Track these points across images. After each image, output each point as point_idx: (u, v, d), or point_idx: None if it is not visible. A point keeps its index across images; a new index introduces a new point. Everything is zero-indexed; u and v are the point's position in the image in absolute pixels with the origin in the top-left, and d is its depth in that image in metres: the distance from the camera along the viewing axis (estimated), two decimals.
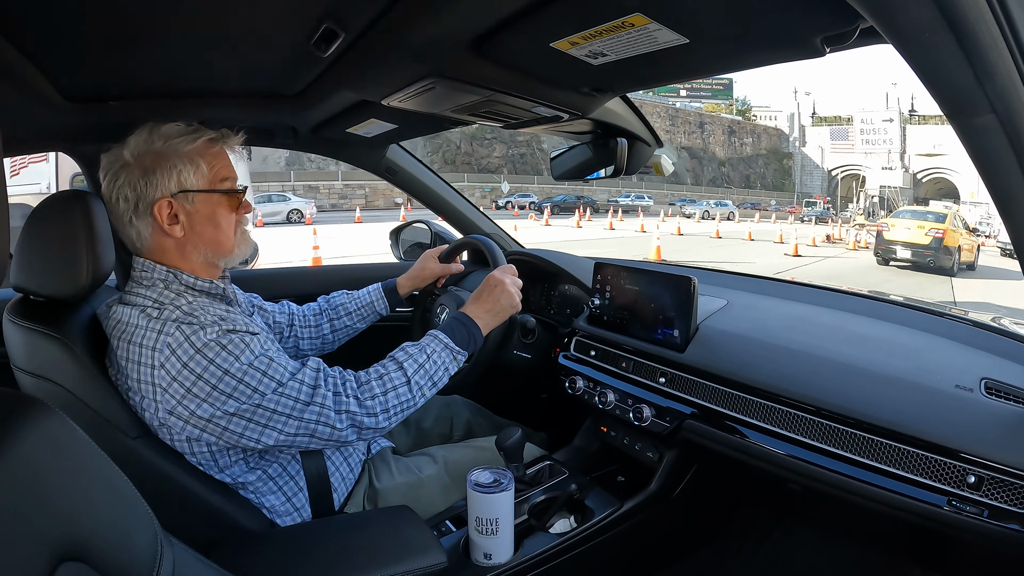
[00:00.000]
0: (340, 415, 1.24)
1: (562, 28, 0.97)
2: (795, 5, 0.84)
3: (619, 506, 1.58)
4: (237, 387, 1.17)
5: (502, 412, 2.04)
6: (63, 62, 1.23)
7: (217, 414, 1.17)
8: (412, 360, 1.35)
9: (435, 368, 1.37)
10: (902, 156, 62.44)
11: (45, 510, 0.63)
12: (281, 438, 1.21)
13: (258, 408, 1.18)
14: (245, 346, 1.20)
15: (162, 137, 1.26)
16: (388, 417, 1.29)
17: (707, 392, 1.51)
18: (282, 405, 1.20)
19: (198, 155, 1.28)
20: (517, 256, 2.26)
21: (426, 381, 1.35)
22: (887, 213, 26.12)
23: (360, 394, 1.27)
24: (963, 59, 0.65)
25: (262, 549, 1.25)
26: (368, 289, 1.85)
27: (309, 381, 1.23)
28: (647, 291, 1.69)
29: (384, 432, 1.32)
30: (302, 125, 1.94)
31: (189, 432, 1.20)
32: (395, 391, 1.30)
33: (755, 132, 74.50)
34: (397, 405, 1.30)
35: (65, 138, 1.68)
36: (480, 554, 1.34)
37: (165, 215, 1.25)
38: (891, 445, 1.19)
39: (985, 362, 1.29)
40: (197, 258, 1.31)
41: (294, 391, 1.21)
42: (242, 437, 1.20)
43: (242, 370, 1.18)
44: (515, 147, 49.88)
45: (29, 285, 1.27)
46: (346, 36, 1.13)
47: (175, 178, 1.25)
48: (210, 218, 1.30)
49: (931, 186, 61.48)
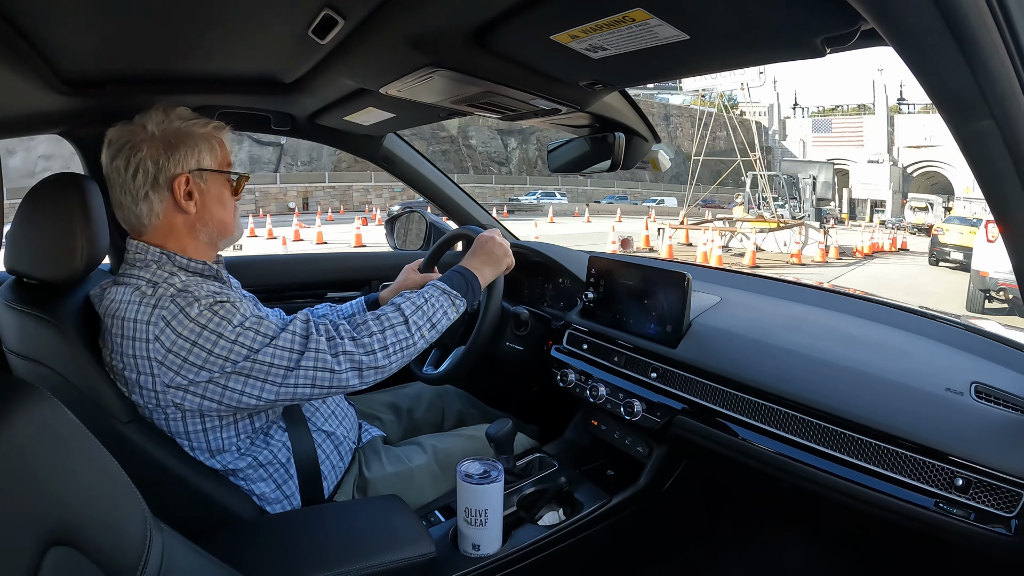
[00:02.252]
0: (337, 357, 1.24)
1: (563, 21, 0.97)
2: (797, 5, 0.83)
3: (608, 500, 1.58)
4: (232, 348, 1.19)
5: (494, 403, 2.04)
6: (61, 46, 1.22)
7: (215, 375, 1.19)
8: (409, 302, 1.36)
9: (433, 310, 1.38)
10: (890, 148, 58.19)
11: (34, 494, 0.63)
12: (282, 391, 1.22)
13: (255, 364, 1.20)
14: (236, 310, 1.22)
15: (180, 117, 1.29)
16: (388, 355, 1.29)
17: (698, 388, 1.51)
18: (278, 357, 1.21)
19: (212, 137, 1.31)
20: (511, 248, 2.26)
21: (424, 322, 1.35)
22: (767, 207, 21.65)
23: (356, 334, 1.28)
24: (963, 64, 0.64)
25: (251, 536, 1.25)
26: (351, 303, 1.85)
27: (300, 331, 1.25)
28: (641, 286, 1.69)
29: (386, 373, 1.31)
30: (299, 112, 1.93)
31: (188, 402, 1.21)
32: (392, 329, 1.31)
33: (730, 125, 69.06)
34: (396, 343, 1.30)
35: (62, 122, 1.67)
36: (469, 545, 1.35)
37: (183, 191, 1.27)
38: (880, 446, 1.20)
39: (976, 366, 1.29)
40: (204, 236, 1.33)
41: (287, 342, 1.23)
42: (243, 395, 1.21)
43: (235, 332, 1.20)
44: (437, 143, 45.48)
45: (23, 268, 1.27)
46: (346, 23, 1.12)
47: (196, 156, 1.28)
48: (218, 198, 1.33)
49: (923, 180, 56.79)
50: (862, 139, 58.96)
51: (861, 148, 58.42)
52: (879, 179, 54.46)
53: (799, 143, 64.80)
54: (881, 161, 56.13)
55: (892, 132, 57.72)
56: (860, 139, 59.18)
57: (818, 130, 63.37)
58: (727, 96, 76.17)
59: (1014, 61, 0.64)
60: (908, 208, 40.58)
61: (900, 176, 55.46)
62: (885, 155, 56.57)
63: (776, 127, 67.19)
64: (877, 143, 57.52)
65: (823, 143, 62.53)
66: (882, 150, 56.95)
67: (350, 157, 43.38)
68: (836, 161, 62.22)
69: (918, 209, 38.86)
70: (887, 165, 55.45)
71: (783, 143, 66.52)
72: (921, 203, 39.52)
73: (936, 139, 53.18)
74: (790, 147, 65.61)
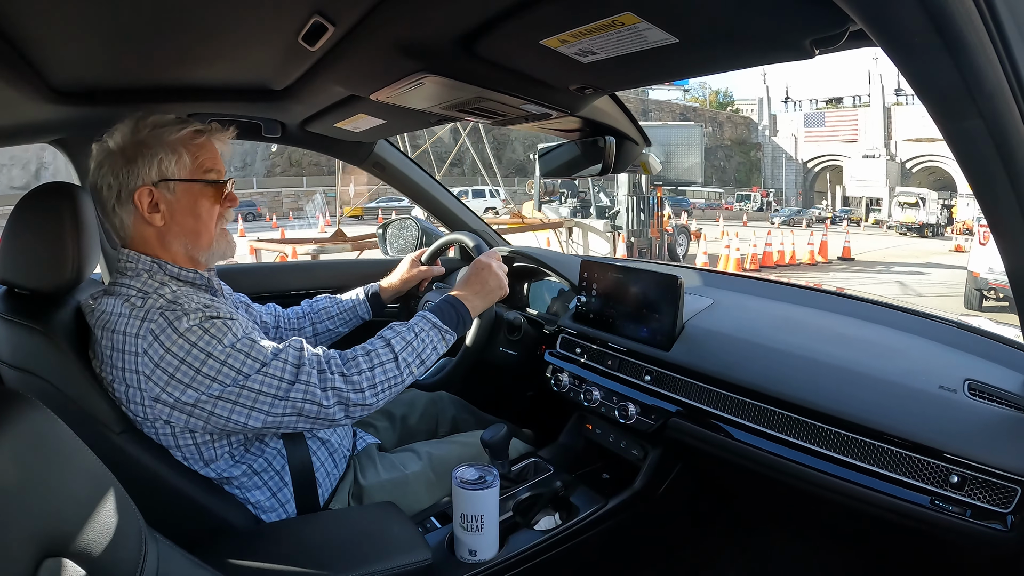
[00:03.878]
0: (326, 392, 1.24)
1: (552, 25, 0.97)
2: (785, 7, 0.84)
3: (604, 504, 1.58)
4: (221, 369, 1.17)
5: (488, 409, 2.04)
6: (51, 55, 1.22)
7: (202, 398, 1.17)
8: (400, 338, 1.35)
9: (423, 346, 1.37)
10: (887, 142, 53.46)
11: (28, 505, 0.63)
12: (269, 420, 1.22)
13: (243, 390, 1.19)
14: (228, 329, 1.20)
15: (148, 126, 1.26)
16: (375, 393, 1.29)
17: (692, 390, 1.51)
18: (267, 385, 1.20)
19: (181, 145, 1.28)
20: (503, 254, 2.26)
21: (414, 359, 1.35)
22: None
23: (346, 370, 1.27)
24: (951, 63, 0.65)
25: (247, 545, 1.24)
26: (351, 294, 1.85)
27: (293, 360, 1.24)
28: (633, 289, 1.69)
29: (372, 410, 1.31)
30: (290, 120, 1.93)
31: (175, 419, 1.20)
32: (382, 367, 1.30)
33: (716, 121, 63.80)
34: (384, 381, 1.30)
35: (53, 131, 1.67)
36: (465, 551, 1.34)
37: (146, 203, 1.25)
38: (875, 445, 1.20)
39: (969, 363, 1.30)
40: (178, 248, 1.31)
41: (278, 370, 1.22)
42: (229, 421, 1.20)
43: (225, 352, 1.18)
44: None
45: (13, 278, 1.26)
46: (335, 30, 1.12)
47: (156, 167, 1.25)
48: (191, 209, 1.30)
49: (923, 176, 51.87)
50: (857, 133, 55.68)
51: (856, 143, 55.22)
52: (875, 175, 50.78)
53: (791, 139, 61.06)
54: (877, 156, 52.44)
55: (890, 125, 53.91)
56: (855, 133, 55.93)
57: (810, 124, 59.69)
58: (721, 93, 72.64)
59: (1001, 60, 0.65)
60: (896, 204, 36.84)
61: (898, 172, 51.79)
62: (882, 149, 52.96)
63: (766, 122, 63.31)
64: (873, 137, 54.01)
65: (816, 138, 59.15)
66: (879, 144, 53.33)
67: (285, 161, 42.68)
68: (828, 157, 57.44)
69: (907, 205, 35.12)
70: (883, 160, 51.68)
71: (774, 139, 62.70)
72: (911, 197, 35.61)
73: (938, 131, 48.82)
74: (781, 143, 61.95)
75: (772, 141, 62.44)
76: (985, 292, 10.07)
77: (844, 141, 56.42)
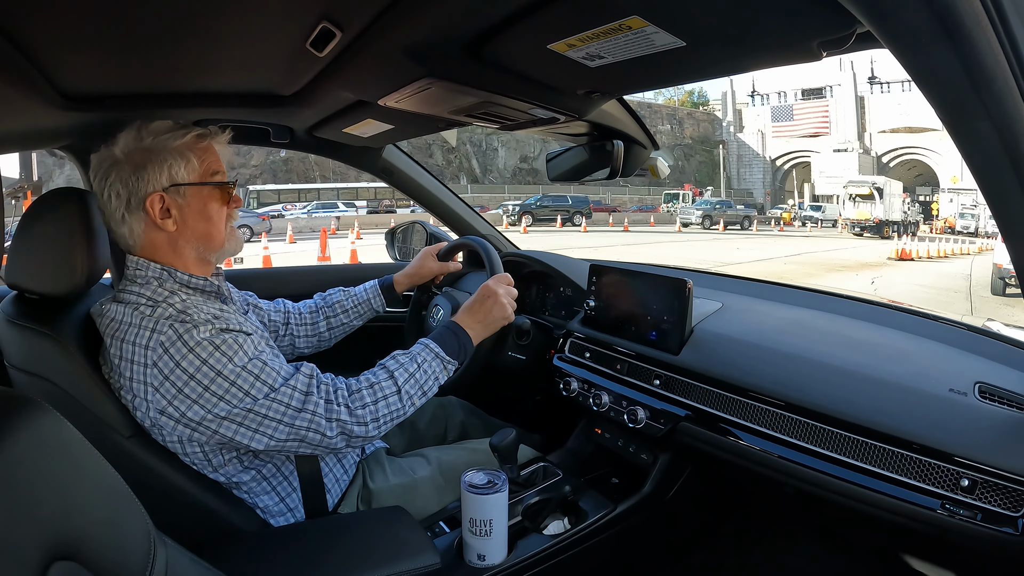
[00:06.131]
0: (331, 423, 1.24)
1: (559, 30, 0.97)
2: (793, 10, 0.84)
3: (613, 508, 1.58)
4: (229, 390, 1.17)
5: (496, 413, 2.04)
6: (60, 61, 1.23)
7: (208, 417, 1.17)
8: (403, 369, 1.35)
9: (425, 378, 1.37)
10: (860, 135, 48.71)
11: (38, 508, 0.63)
12: (271, 443, 1.22)
13: (249, 412, 1.19)
14: (239, 347, 1.20)
15: (151, 134, 1.27)
16: (378, 427, 1.29)
17: (701, 394, 1.51)
18: (273, 411, 1.20)
19: (188, 150, 1.29)
20: (512, 257, 2.26)
21: (416, 391, 1.35)
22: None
23: (351, 403, 1.27)
24: (959, 65, 0.65)
25: (256, 549, 1.25)
26: (365, 286, 1.84)
27: (302, 387, 1.23)
28: (642, 293, 1.69)
29: (373, 440, 1.32)
30: (298, 125, 1.94)
31: (180, 432, 1.20)
32: (385, 400, 1.30)
33: (676, 118, 59.15)
34: (387, 414, 1.30)
35: (62, 137, 1.68)
36: (474, 555, 1.34)
37: (157, 209, 1.25)
38: (885, 448, 1.20)
39: (979, 366, 1.29)
40: (189, 253, 1.31)
41: (286, 397, 1.21)
42: (232, 441, 1.20)
43: (235, 372, 1.18)
44: (275, 152, 36.85)
45: (24, 282, 1.27)
46: (343, 36, 1.12)
47: (166, 172, 1.25)
48: (201, 211, 1.30)
49: (902, 171, 46.82)
50: (828, 125, 50.84)
51: (828, 136, 50.16)
52: (847, 170, 44.45)
53: (757, 135, 56.11)
54: (849, 149, 48.04)
55: (863, 116, 49.23)
56: (825, 125, 51.06)
57: (778, 118, 54.60)
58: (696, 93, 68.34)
59: (1010, 61, 0.65)
60: (847, 197, 31.16)
61: (874, 165, 46.88)
62: (854, 142, 48.48)
63: (731, 118, 58.25)
64: (846, 129, 49.31)
65: (784, 134, 54.24)
66: (851, 136, 48.80)
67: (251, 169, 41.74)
68: (796, 154, 51.89)
69: (860, 198, 29.18)
70: (856, 154, 47.29)
71: (739, 136, 57.70)
72: (863, 188, 29.22)
73: (915, 119, 43.31)
74: (747, 140, 57.11)
75: (737, 138, 58.53)
76: (1008, 280, 11.25)
77: (812, 135, 51.91)
